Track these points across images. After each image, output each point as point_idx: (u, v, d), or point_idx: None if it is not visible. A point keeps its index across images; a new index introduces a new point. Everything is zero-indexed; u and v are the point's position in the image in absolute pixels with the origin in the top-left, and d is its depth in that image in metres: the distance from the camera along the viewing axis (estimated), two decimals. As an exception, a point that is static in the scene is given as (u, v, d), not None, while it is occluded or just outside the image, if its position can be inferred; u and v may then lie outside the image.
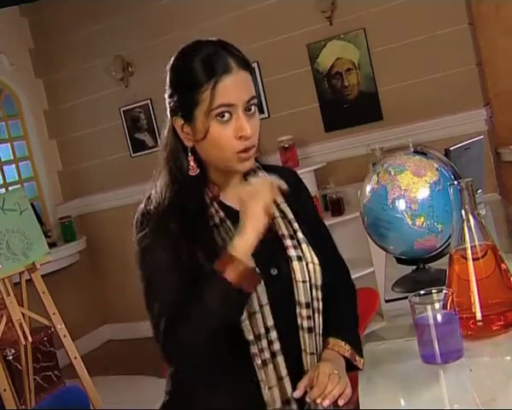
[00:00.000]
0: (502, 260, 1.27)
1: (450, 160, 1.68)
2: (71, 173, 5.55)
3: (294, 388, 1.37)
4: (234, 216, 1.39)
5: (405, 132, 4.11)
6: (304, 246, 1.44)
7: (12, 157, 5.26)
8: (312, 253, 1.44)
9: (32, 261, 3.21)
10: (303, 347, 1.41)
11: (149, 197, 1.45)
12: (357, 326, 1.55)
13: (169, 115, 1.45)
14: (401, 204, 1.52)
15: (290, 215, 1.48)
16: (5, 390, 3.05)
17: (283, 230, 1.45)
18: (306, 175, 4.23)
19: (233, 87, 1.38)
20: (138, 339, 4.62)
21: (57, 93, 5.47)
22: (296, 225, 1.46)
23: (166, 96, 1.45)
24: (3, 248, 3.16)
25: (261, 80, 4.62)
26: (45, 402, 2.37)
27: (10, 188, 5.03)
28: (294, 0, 4.47)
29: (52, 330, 3.72)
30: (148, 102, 5.01)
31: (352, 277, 1.64)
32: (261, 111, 4.69)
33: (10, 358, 3.80)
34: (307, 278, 1.42)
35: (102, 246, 5.37)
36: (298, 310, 1.41)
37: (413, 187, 1.52)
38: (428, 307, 1.16)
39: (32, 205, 3.81)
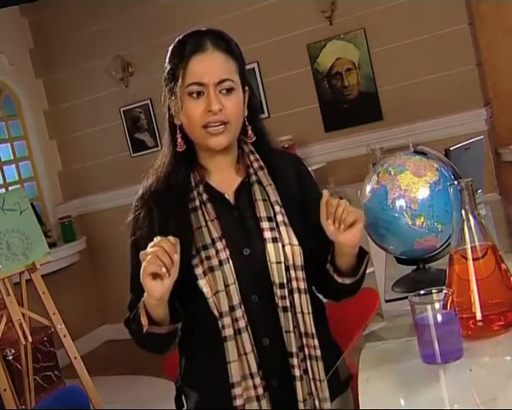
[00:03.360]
0: (502, 260, 1.27)
1: (450, 160, 1.68)
2: (71, 173, 5.55)
3: (269, 363, 1.45)
4: (217, 199, 1.50)
5: (405, 132, 4.11)
6: (282, 228, 1.48)
7: (12, 157, 5.26)
8: (292, 235, 1.48)
9: (31, 261, 3.21)
10: (282, 324, 1.46)
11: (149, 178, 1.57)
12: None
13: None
14: (401, 204, 1.52)
15: (273, 198, 1.51)
16: (5, 390, 3.05)
17: (262, 212, 1.50)
18: (306, 175, 4.24)
19: (203, 66, 1.46)
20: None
21: (57, 93, 5.47)
22: (277, 208, 1.50)
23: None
24: (3, 248, 3.16)
25: (261, 80, 4.62)
26: (45, 402, 2.37)
27: (10, 188, 5.02)
28: (294, 0, 4.47)
29: (52, 330, 3.72)
30: (148, 102, 5.01)
31: (352, 277, 1.64)
32: (261, 111, 4.69)
33: (10, 358, 3.80)
34: (282, 260, 1.46)
35: (102, 246, 5.37)
36: (274, 290, 1.46)
37: (413, 187, 1.52)
38: (428, 307, 1.16)
39: (32, 205, 3.81)
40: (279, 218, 1.49)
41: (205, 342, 1.50)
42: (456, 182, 1.26)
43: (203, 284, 1.43)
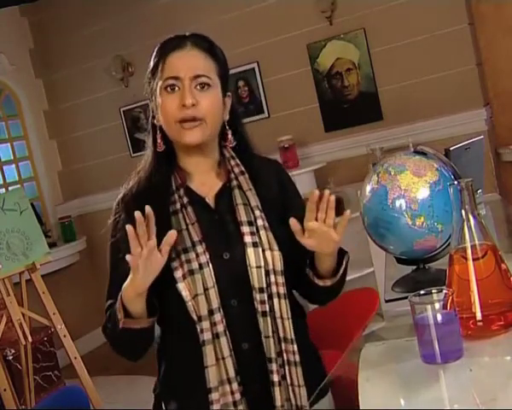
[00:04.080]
0: (502, 260, 1.27)
1: (450, 160, 1.68)
2: (71, 173, 5.55)
3: (248, 368, 1.45)
4: (197, 202, 1.50)
5: (405, 132, 4.11)
6: (262, 233, 1.48)
7: (12, 157, 5.26)
8: (272, 240, 1.48)
9: (31, 261, 3.21)
10: (261, 329, 1.46)
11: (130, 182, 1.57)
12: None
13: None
14: (401, 204, 1.52)
15: (254, 203, 1.51)
16: (5, 390, 3.05)
17: (242, 216, 1.49)
18: (306, 175, 4.24)
19: (181, 61, 1.48)
20: (138, 339, 4.62)
21: (57, 93, 5.47)
22: (258, 213, 1.50)
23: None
24: (3, 248, 3.16)
25: (261, 80, 4.63)
26: (45, 402, 2.37)
27: (10, 188, 5.02)
28: (294, 0, 4.47)
29: (52, 330, 3.72)
30: (148, 102, 5.00)
31: (352, 277, 1.65)
32: (261, 111, 4.69)
33: (10, 358, 3.80)
34: (262, 264, 1.46)
35: (102, 246, 5.33)
36: (254, 294, 1.46)
37: (413, 187, 1.52)
38: (428, 307, 1.16)
39: (32, 205, 3.81)
40: (259, 222, 1.49)
41: (183, 346, 1.50)
42: (456, 182, 1.26)
43: (182, 287, 1.43)
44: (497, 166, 4.16)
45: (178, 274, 1.43)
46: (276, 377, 1.45)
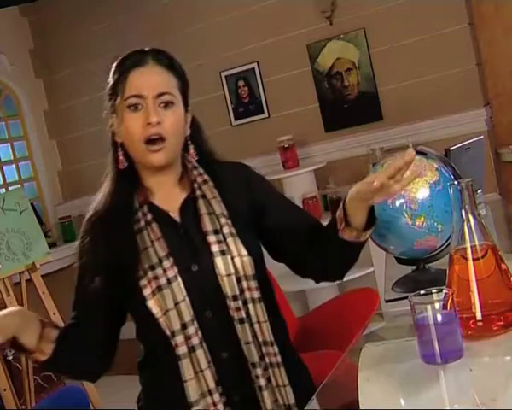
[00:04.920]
0: (502, 260, 1.27)
1: (450, 160, 1.68)
2: (71, 173, 5.55)
3: (229, 377, 1.44)
4: (162, 218, 1.49)
5: (405, 132, 4.11)
6: (229, 240, 1.47)
7: (12, 157, 5.26)
8: (240, 246, 1.47)
9: (32, 261, 3.21)
10: (239, 336, 1.45)
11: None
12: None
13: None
14: (401, 204, 1.52)
15: (219, 210, 1.49)
16: (5, 390, 3.05)
17: (207, 226, 1.48)
18: (306, 175, 4.24)
19: (143, 79, 1.46)
20: (138, 339, 4.62)
21: (57, 93, 5.47)
22: (223, 220, 1.48)
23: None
24: (3, 249, 3.16)
25: (261, 80, 4.63)
26: (45, 402, 2.38)
27: (10, 188, 5.02)
28: (294, 0, 4.47)
29: (52, 330, 3.71)
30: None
31: (352, 277, 1.65)
32: (261, 111, 4.69)
33: (10, 358, 3.80)
34: (232, 271, 1.45)
35: (102, 246, 5.36)
36: (228, 303, 1.45)
37: (413, 187, 1.52)
38: (428, 307, 1.16)
39: (32, 205, 3.81)
40: (226, 230, 1.48)
41: (162, 361, 1.49)
42: (456, 182, 1.26)
43: (152, 304, 1.42)
44: (497, 166, 4.15)
45: (147, 292, 1.42)
46: (262, 382, 1.45)
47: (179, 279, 1.43)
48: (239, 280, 1.45)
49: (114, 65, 1.53)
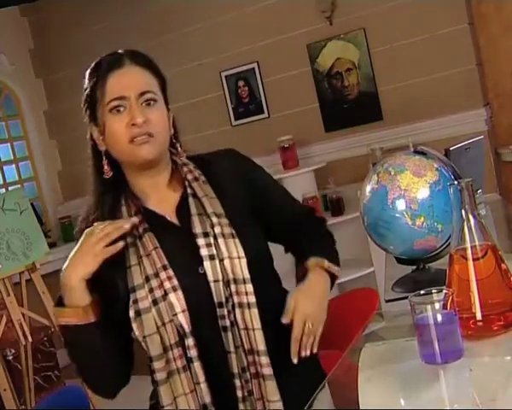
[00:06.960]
0: (502, 260, 1.26)
1: (450, 160, 1.68)
2: (71, 173, 5.54)
3: (221, 390, 1.38)
4: (159, 224, 1.43)
5: (405, 132, 4.11)
6: (220, 241, 1.40)
7: (12, 157, 5.26)
8: (232, 247, 1.40)
9: (32, 261, 3.21)
10: (225, 346, 1.39)
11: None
12: (326, 246, 1.57)
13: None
14: (401, 204, 1.52)
15: (210, 209, 1.43)
16: (5, 390, 3.05)
17: (197, 228, 1.42)
18: (306, 175, 4.24)
19: (123, 81, 1.41)
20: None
21: (57, 93, 5.47)
22: (215, 219, 1.42)
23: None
24: (3, 248, 3.16)
25: (261, 80, 4.63)
26: (45, 402, 2.37)
27: (10, 188, 5.02)
28: (294, 0, 4.47)
29: (52, 330, 3.72)
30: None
31: (352, 277, 1.65)
32: (261, 111, 4.69)
33: (10, 358, 3.80)
34: (220, 277, 1.38)
35: (102, 246, 5.36)
36: (216, 310, 1.40)
37: (413, 187, 1.52)
38: (428, 307, 1.16)
39: (32, 205, 3.81)
40: (217, 230, 1.40)
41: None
42: (456, 182, 1.26)
43: (135, 327, 1.39)
44: (497, 166, 4.15)
45: (131, 313, 1.38)
46: (240, 393, 1.39)
47: (170, 297, 1.37)
48: (227, 284, 1.38)
49: (88, 71, 1.46)
